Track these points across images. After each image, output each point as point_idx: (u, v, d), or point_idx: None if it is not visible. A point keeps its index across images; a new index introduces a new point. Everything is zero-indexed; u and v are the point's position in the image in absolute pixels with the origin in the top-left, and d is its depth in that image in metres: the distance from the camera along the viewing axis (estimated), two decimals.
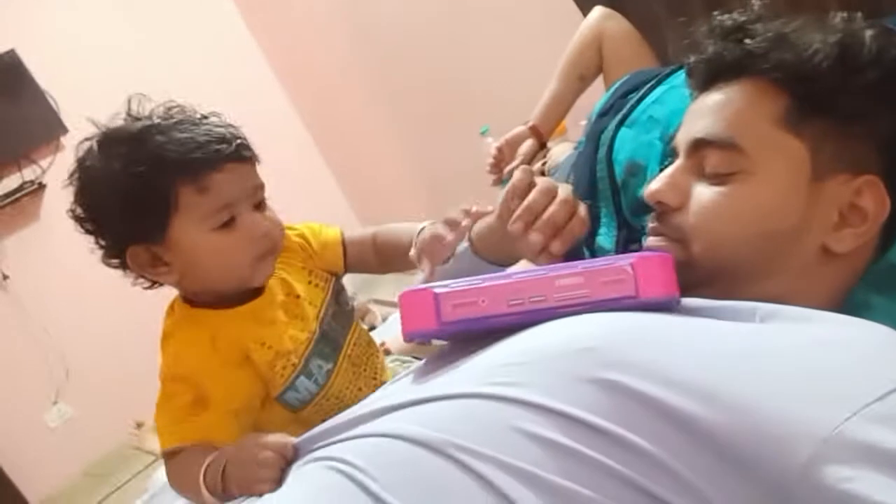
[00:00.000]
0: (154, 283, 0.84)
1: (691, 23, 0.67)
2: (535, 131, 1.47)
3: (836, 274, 0.59)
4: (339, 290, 0.97)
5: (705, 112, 0.62)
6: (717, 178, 0.59)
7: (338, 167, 3.92)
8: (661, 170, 0.87)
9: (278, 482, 0.62)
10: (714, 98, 0.62)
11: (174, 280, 0.82)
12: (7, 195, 2.77)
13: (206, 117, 0.82)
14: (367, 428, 0.55)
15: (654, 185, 0.63)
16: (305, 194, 3.81)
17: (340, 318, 0.94)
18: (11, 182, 2.82)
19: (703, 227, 0.59)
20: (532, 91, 1.55)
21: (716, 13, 0.64)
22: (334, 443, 0.57)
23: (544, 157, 1.50)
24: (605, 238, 0.99)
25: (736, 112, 0.59)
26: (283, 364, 0.84)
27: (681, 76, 1.02)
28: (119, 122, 0.81)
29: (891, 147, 0.57)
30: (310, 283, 0.92)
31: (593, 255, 1.03)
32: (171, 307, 0.87)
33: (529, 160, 1.48)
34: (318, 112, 3.72)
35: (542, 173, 1.45)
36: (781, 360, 0.45)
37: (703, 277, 0.59)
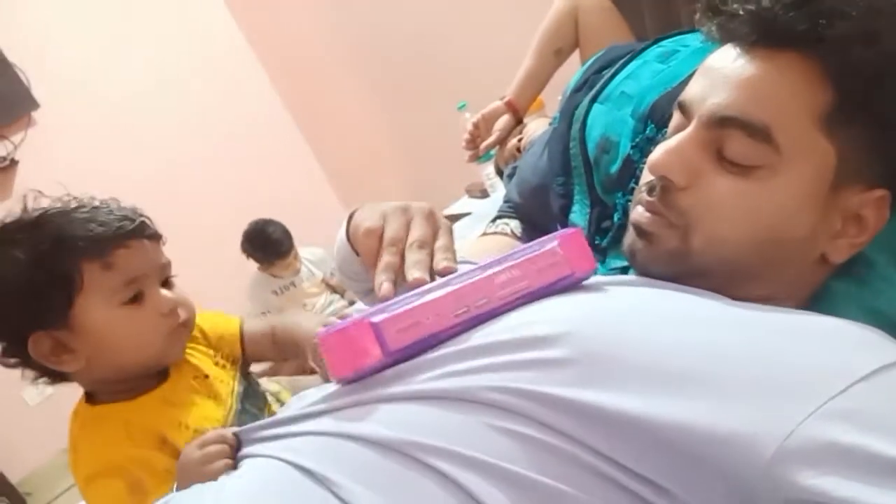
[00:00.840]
0: (56, 379, 0.82)
1: None
2: (511, 107, 1.47)
3: (823, 276, 0.58)
4: (246, 373, 0.97)
5: (736, 83, 0.52)
6: (737, 168, 0.52)
7: (317, 143, 3.90)
8: (635, 145, 0.89)
9: (232, 466, 0.58)
10: (750, 69, 0.51)
11: (79, 366, 0.79)
12: None
13: (105, 202, 0.82)
14: (309, 426, 0.52)
15: (661, 157, 0.55)
16: (284, 171, 3.80)
17: (253, 397, 0.94)
18: None
19: (710, 220, 0.53)
20: (509, 66, 1.55)
21: None
22: (278, 437, 0.54)
23: (520, 132, 1.50)
24: (579, 216, 1.00)
25: (776, 95, 0.50)
26: None
27: (655, 51, 1.02)
28: (14, 217, 0.79)
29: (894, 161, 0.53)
30: (216, 363, 0.92)
31: None
32: (75, 413, 0.84)
33: (506, 136, 1.48)
34: (297, 88, 3.68)
35: (519, 149, 1.46)
36: (742, 349, 0.44)
37: (695, 271, 0.55)
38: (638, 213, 0.59)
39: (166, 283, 0.84)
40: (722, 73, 0.53)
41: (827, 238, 0.54)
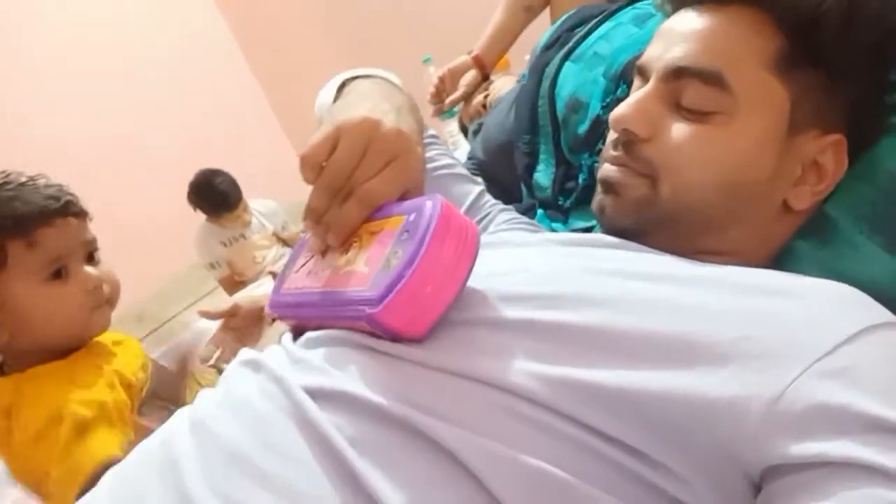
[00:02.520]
0: None
1: None
2: (478, 62, 1.44)
3: (787, 229, 0.58)
4: None
5: (689, 37, 0.55)
6: (694, 115, 0.54)
7: (273, 93, 3.80)
8: (606, 105, 0.87)
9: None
10: (703, 21, 0.55)
11: (2, 340, 0.78)
12: None
13: (32, 179, 0.82)
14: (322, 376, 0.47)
15: (622, 111, 0.57)
16: (240, 121, 3.70)
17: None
18: None
19: (675, 167, 0.55)
20: (477, 20, 1.51)
21: None
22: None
23: (486, 89, 1.47)
24: (543, 175, 0.99)
25: (727, 44, 0.53)
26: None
27: (629, 12, 1.00)
28: None
29: (863, 112, 0.55)
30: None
31: (531, 192, 1.03)
32: None
33: (472, 92, 1.45)
34: (256, 36, 3.58)
35: (484, 105, 1.43)
36: (726, 312, 0.43)
37: (664, 218, 0.56)
38: (605, 168, 0.60)
39: (91, 259, 0.85)
40: (675, 31, 0.57)
41: (787, 184, 0.55)
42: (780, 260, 0.57)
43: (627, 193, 0.57)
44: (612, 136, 0.60)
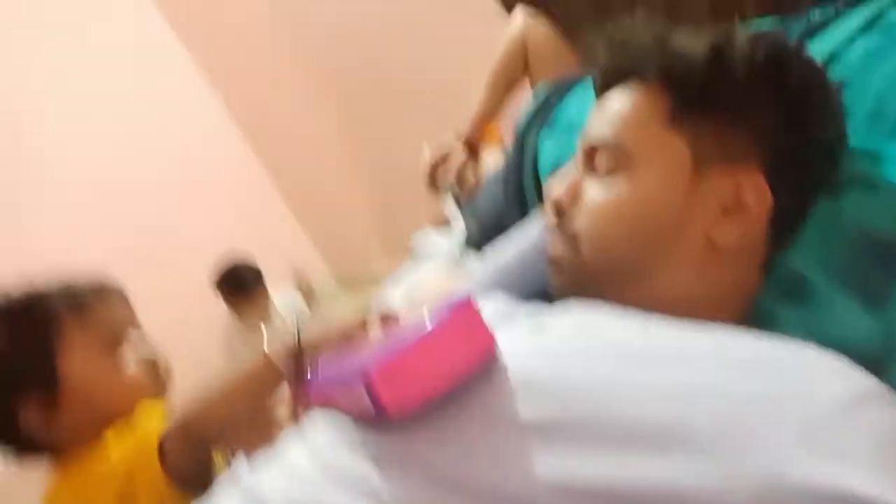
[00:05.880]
0: (27, 451, 0.82)
1: (614, 24, 0.69)
2: (467, 144, 1.47)
3: (728, 271, 0.59)
4: None
5: (598, 117, 0.65)
6: (604, 176, 0.62)
7: (284, 181, 3.89)
8: None
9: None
10: (606, 103, 0.65)
11: (65, 423, 0.80)
12: None
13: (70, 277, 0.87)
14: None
15: (552, 187, 0.66)
16: (250, 211, 3.78)
17: None
18: None
19: (589, 224, 0.61)
20: (469, 92, 1.55)
21: (609, 25, 0.67)
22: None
23: (478, 166, 1.50)
24: None
25: (621, 114, 0.62)
26: None
27: None
28: None
29: (767, 142, 0.58)
30: None
31: None
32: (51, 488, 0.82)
33: (461, 170, 1.48)
34: (262, 126, 3.68)
35: (476, 183, 1.45)
36: (701, 395, 0.42)
37: (593, 278, 0.61)
38: (549, 247, 0.66)
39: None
40: (592, 115, 0.67)
41: (707, 222, 0.58)
42: (761, 325, 0.56)
43: (561, 263, 0.64)
44: (548, 209, 0.67)
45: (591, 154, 0.64)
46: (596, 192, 0.62)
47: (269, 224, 3.83)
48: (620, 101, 0.63)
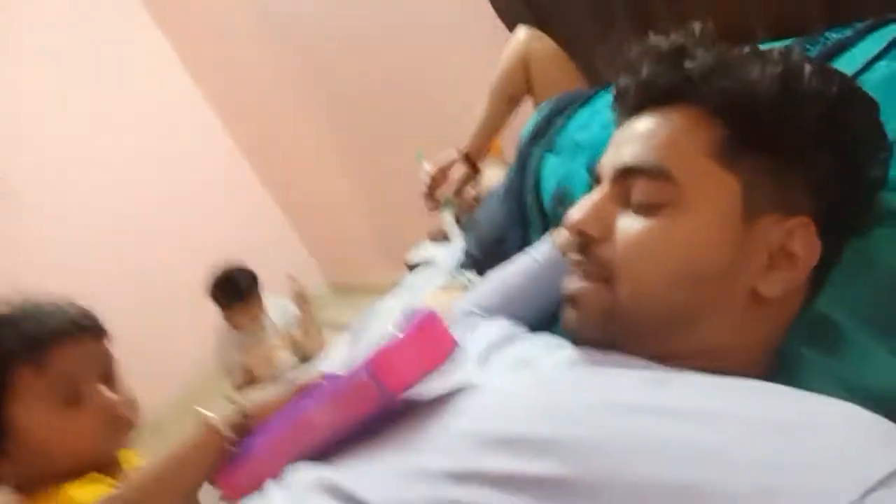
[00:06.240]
0: None
1: (619, 41, 0.63)
2: (467, 159, 1.44)
3: (768, 322, 0.54)
4: None
5: (635, 138, 0.57)
6: (644, 210, 0.54)
7: (283, 199, 3.88)
8: None
9: None
10: (645, 124, 0.57)
11: (15, 471, 0.75)
12: None
13: (49, 301, 0.79)
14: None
15: (576, 214, 0.57)
16: (247, 220, 3.76)
17: None
18: None
19: (630, 262, 0.53)
20: (466, 109, 1.53)
21: (651, 34, 0.59)
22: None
23: (478, 181, 1.47)
24: None
25: (669, 139, 0.54)
26: None
27: (606, 98, 1.00)
28: None
29: (825, 190, 0.53)
30: None
31: None
32: None
33: (462, 186, 1.45)
34: (258, 139, 3.66)
35: (476, 199, 1.43)
36: (739, 458, 0.37)
37: (628, 323, 0.54)
38: (566, 282, 0.59)
39: (109, 380, 0.80)
40: (623, 136, 0.59)
41: (754, 273, 0.52)
42: (787, 369, 0.53)
43: (588, 303, 0.56)
44: (568, 239, 0.60)
45: (624, 178, 0.56)
46: (636, 226, 0.54)
47: (263, 231, 3.82)
48: (661, 125, 0.55)
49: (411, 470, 0.45)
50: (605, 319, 0.55)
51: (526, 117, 1.25)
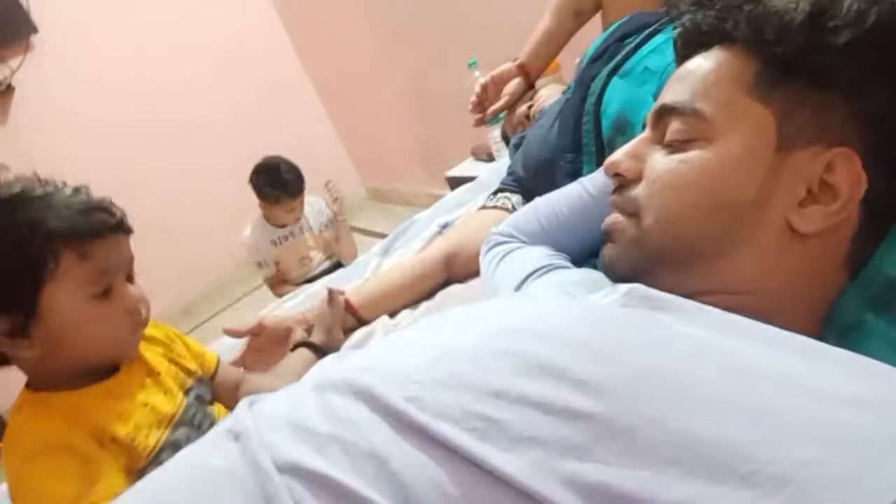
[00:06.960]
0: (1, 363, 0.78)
1: None
2: (522, 70, 1.37)
3: (805, 261, 0.51)
4: (202, 382, 0.95)
5: (676, 80, 0.58)
6: (674, 146, 0.55)
7: (329, 101, 3.84)
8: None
9: None
10: (687, 67, 0.58)
11: (33, 355, 0.75)
12: None
13: (77, 190, 0.79)
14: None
15: (613, 157, 0.60)
16: (294, 119, 3.74)
17: (206, 389, 0.93)
18: None
19: (654, 196, 0.55)
20: (525, 23, 1.45)
21: None
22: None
23: (531, 98, 1.41)
24: None
25: (702, 78, 0.55)
26: (144, 435, 0.79)
27: None
28: None
29: (871, 119, 0.50)
30: (171, 361, 0.91)
31: None
32: (19, 407, 0.79)
33: (515, 101, 1.39)
34: (311, 42, 3.61)
35: (528, 117, 1.37)
36: (789, 423, 0.34)
37: (654, 255, 0.54)
38: (606, 219, 0.61)
39: (130, 279, 0.83)
40: (669, 82, 0.60)
41: (789, 205, 0.51)
42: (849, 338, 0.49)
43: (619, 237, 0.58)
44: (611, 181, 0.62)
45: (662, 119, 0.57)
46: (662, 164, 0.55)
47: (307, 130, 3.79)
48: (700, 64, 0.56)
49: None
50: (633, 252, 0.56)
51: (588, 37, 1.18)
